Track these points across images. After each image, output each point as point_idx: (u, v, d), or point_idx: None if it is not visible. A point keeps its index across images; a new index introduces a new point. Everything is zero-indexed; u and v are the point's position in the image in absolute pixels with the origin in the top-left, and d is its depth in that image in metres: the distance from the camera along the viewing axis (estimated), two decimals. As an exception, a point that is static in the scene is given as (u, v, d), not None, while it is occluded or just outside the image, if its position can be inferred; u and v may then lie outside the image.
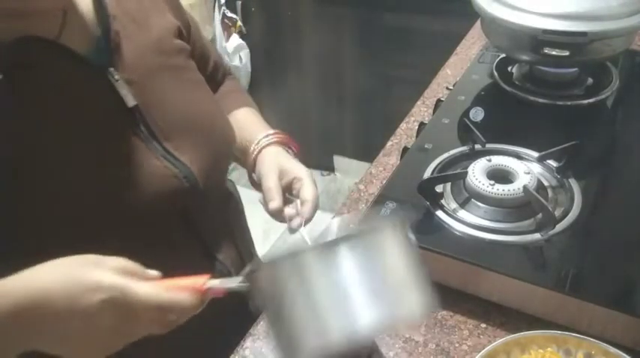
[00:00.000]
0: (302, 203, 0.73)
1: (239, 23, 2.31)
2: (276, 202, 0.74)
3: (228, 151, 0.81)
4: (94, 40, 0.67)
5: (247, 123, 0.87)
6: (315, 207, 0.73)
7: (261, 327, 0.76)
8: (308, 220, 0.72)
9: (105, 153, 0.66)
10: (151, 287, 0.52)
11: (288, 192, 0.77)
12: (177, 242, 0.75)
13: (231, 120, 0.84)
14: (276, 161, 0.79)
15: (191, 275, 0.56)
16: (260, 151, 0.81)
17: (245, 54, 2.34)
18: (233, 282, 0.53)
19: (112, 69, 0.66)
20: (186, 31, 0.81)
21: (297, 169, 0.77)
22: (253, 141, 0.83)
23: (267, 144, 0.82)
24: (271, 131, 0.84)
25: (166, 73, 0.73)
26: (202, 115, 0.76)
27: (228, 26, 2.30)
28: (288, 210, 0.74)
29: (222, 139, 0.78)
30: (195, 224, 0.76)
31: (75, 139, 0.64)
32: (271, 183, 0.75)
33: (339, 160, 2.59)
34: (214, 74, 0.93)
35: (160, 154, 0.69)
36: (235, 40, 2.30)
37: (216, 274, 0.57)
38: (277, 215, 0.74)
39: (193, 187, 0.71)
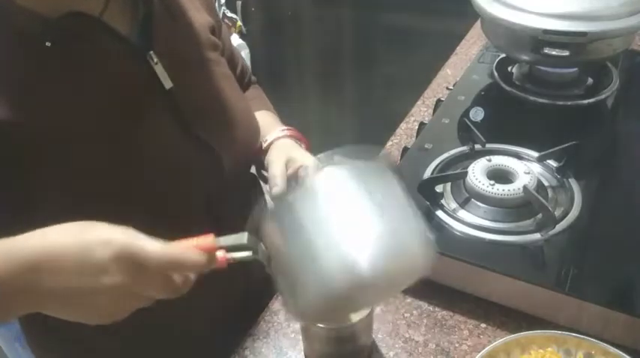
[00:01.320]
0: None
1: (239, 23, 2.31)
2: (278, 187, 0.74)
3: (254, 143, 0.83)
4: (135, 23, 0.69)
5: (264, 122, 0.89)
6: None
7: (261, 327, 0.76)
8: None
9: (137, 130, 0.67)
10: (162, 244, 0.50)
11: (295, 181, 0.77)
12: (197, 226, 0.75)
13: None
14: (285, 150, 0.80)
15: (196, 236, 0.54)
16: (272, 143, 0.83)
17: (245, 54, 2.34)
18: (239, 239, 0.51)
19: (151, 52, 0.68)
20: (218, 31, 0.84)
21: (305, 158, 0.77)
22: (267, 135, 0.85)
23: (279, 137, 0.84)
24: (285, 127, 0.87)
25: (200, 65, 0.76)
26: (232, 106, 0.78)
27: (228, 26, 2.30)
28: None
29: (249, 131, 0.81)
30: (215, 210, 0.77)
31: (108, 114, 0.66)
32: (277, 169, 0.76)
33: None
34: (241, 79, 0.95)
35: (192, 137, 0.71)
36: (235, 40, 2.30)
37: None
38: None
39: (219, 172, 0.73)
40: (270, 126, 0.88)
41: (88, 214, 0.62)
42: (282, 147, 0.82)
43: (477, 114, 0.98)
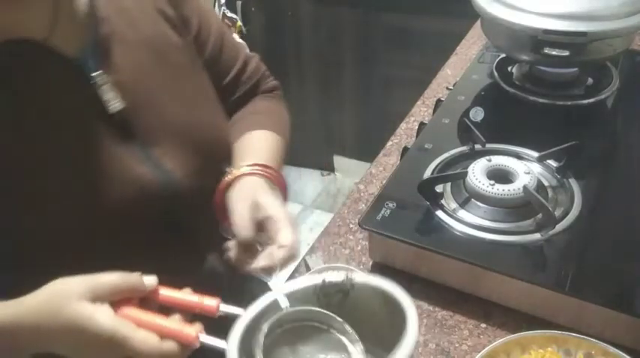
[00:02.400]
0: (278, 248, 0.61)
1: (239, 23, 2.31)
2: (247, 230, 0.63)
3: (220, 159, 0.75)
4: (87, 42, 0.66)
5: (247, 147, 0.79)
6: (294, 255, 0.61)
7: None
8: (283, 268, 0.61)
9: (85, 157, 0.65)
10: (146, 338, 0.52)
11: (260, 232, 0.64)
12: (165, 244, 0.73)
13: (241, 138, 0.80)
14: (252, 192, 0.68)
15: (191, 289, 0.57)
16: (236, 178, 0.70)
17: (245, 54, 2.34)
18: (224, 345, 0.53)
19: (98, 73, 0.65)
20: (184, 24, 0.77)
21: (275, 208, 0.64)
22: (234, 165, 0.74)
23: (249, 173, 0.71)
24: (263, 162, 0.73)
25: (161, 74, 0.72)
26: (193, 121, 0.74)
27: (228, 26, 2.30)
28: (261, 258, 0.62)
29: (212, 146, 0.75)
30: (182, 227, 0.74)
31: (54, 143, 0.64)
32: (243, 211, 0.65)
33: (339, 160, 2.59)
34: (233, 86, 0.85)
35: (143, 160, 0.68)
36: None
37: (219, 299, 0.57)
38: (243, 253, 0.63)
39: (175, 193, 0.70)
40: (249, 150, 0.77)
41: (45, 245, 0.62)
42: (248, 187, 0.69)
43: (477, 114, 0.98)
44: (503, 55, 1.14)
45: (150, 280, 0.56)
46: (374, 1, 2.11)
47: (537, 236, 0.75)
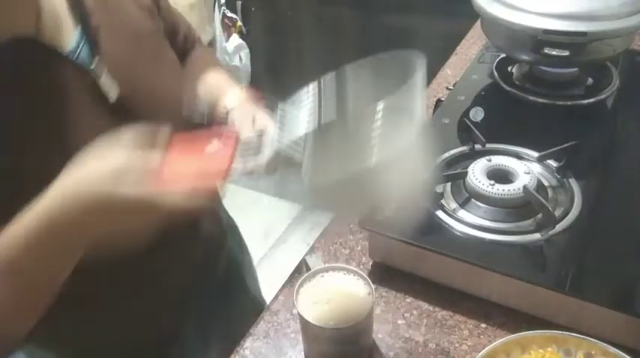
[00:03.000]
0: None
1: (239, 23, 2.31)
2: (249, 131, 0.74)
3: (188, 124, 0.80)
4: (74, 37, 0.67)
5: (218, 84, 0.87)
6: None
7: (261, 327, 0.76)
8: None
9: (87, 142, 0.64)
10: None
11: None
12: None
13: (202, 83, 0.86)
14: (250, 111, 0.78)
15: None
16: (233, 108, 0.80)
17: (245, 54, 2.34)
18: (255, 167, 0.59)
19: (95, 64, 0.66)
20: (156, 6, 0.81)
21: (267, 120, 0.77)
22: (224, 98, 0.82)
23: (241, 103, 0.81)
24: (241, 90, 0.83)
25: (145, 59, 0.74)
26: (178, 100, 0.77)
27: (228, 26, 2.30)
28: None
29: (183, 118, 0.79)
30: None
31: (56, 136, 0.64)
32: (247, 120, 0.76)
33: (339, 160, 2.59)
34: (185, 47, 0.92)
35: None
36: (235, 40, 2.30)
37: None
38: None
39: None
40: (225, 88, 0.84)
41: None
42: (246, 109, 0.79)
43: (477, 114, 0.98)
44: (503, 55, 1.14)
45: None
46: (374, 1, 2.11)
47: (537, 236, 0.75)
